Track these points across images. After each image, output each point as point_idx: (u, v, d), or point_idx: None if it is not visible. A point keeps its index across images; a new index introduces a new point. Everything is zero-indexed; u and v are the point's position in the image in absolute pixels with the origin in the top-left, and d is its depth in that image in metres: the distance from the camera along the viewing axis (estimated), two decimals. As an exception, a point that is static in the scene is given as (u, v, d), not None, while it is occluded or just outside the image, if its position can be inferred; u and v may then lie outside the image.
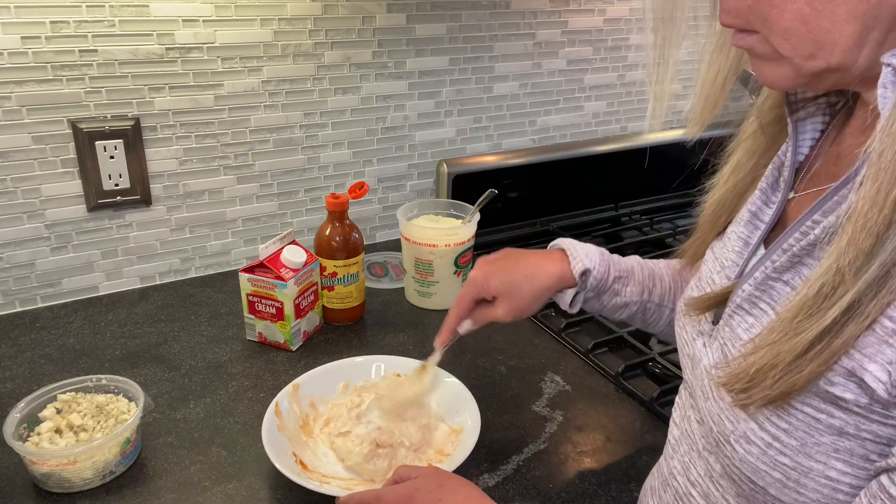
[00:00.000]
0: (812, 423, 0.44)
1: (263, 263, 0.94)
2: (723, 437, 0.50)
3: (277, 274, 0.94)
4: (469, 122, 1.35)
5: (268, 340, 0.99)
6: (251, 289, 0.96)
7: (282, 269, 0.95)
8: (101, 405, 0.78)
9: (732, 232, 0.57)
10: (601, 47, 1.43)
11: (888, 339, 0.40)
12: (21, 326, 1.02)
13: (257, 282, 0.95)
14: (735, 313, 0.51)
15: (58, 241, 1.06)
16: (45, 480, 0.72)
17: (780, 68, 0.46)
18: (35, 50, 0.95)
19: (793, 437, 0.45)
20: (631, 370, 0.95)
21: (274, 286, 0.94)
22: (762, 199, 0.55)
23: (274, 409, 0.79)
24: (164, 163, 1.09)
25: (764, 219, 0.54)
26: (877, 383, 0.40)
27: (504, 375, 0.95)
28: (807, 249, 0.46)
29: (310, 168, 1.22)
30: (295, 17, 1.10)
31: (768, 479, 0.46)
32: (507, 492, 0.75)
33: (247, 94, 1.11)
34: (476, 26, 1.27)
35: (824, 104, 0.53)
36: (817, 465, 0.44)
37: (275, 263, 0.95)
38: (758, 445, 0.47)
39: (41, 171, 1.01)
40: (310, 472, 0.74)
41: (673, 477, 0.60)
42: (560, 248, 0.77)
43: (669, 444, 0.63)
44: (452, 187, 1.31)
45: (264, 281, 0.95)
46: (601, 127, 1.52)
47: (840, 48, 0.42)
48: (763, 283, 0.49)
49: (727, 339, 0.52)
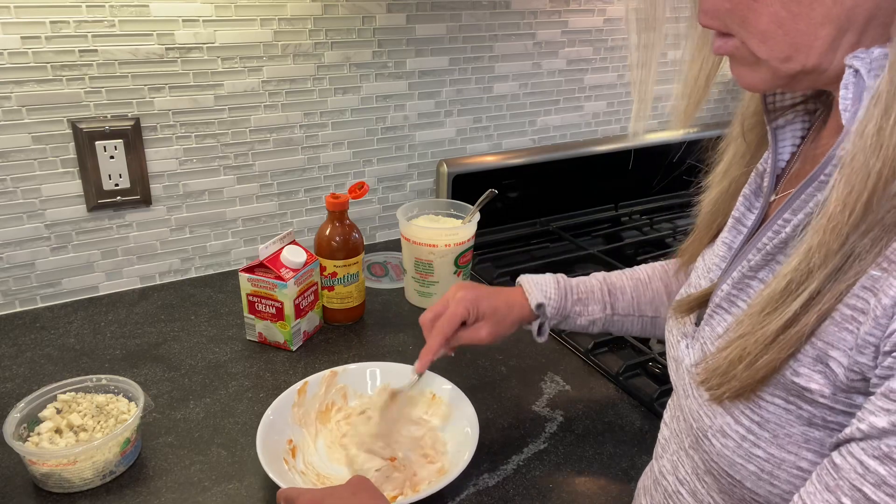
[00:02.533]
0: (783, 414, 0.45)
1: (263, 263, 0.94)
2: (702, 433, 0.51)
3: (277, 274, 0.94)
4: (469, 122, 1.35)
5: (268, 340, 0.99)
6: (251, 289, 0.96)
7: (282, 269, 0.95)
8: (101, 405, 0.78)
9: (720, 238, 0.58)
10: (601, 47, 1.43)
11: (847, 325, 0.41)
12: (21, 326, 1.02)
13: (257, 282, 0.95)
14: (715, 313, 0.53)
15: (58, 241, 1.06)
16: (45, 480, 0.72)
17: (758, 72, 0.47)
18: (35, 50, 0.95)
19: (765, 429, 0.46)
20: (631, 370, 0.95)
21: (274, 286, 0.94)
22: (745, 206, 0.56)
23: (299, 387, 0.82)
24: (164, 163, 1.09)
25: (746, 223, 0.55)
26: (839, 368, 0.41)
27: (504, 375, 0.95)
28: (779, 247, 0.48)
29: (310, 168, 1.22)
30: (295, 17, 1.10)
31: (744, 472, 0.48)
32: (507, 492, 0.75)
33: (247, 94, 1.11)
34: (476, 26, 1.27)
35: (802, 111, 0.54)
36: (789, 455, 0.45)
37: (275, 263, 0.95)
38: (733, 439, 0.48)
39: (41, 171, 1.01)
40: (294, 461, 0.75)
41: (663, 476, 0.61)
42: (519, 285, 0.83)
43: (659, 444, 0.64)
44: (452, 187, 1.31)
45: (264, 281, 0.95)
46: (601, 127, 1.52)
47: (816, 51, 0.43)
48: (740, 281, 0.51)
49: (707, 339, 0.53)
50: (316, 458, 0.78)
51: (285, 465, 0.73)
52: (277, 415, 0.79)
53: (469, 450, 0.75)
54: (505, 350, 1.00)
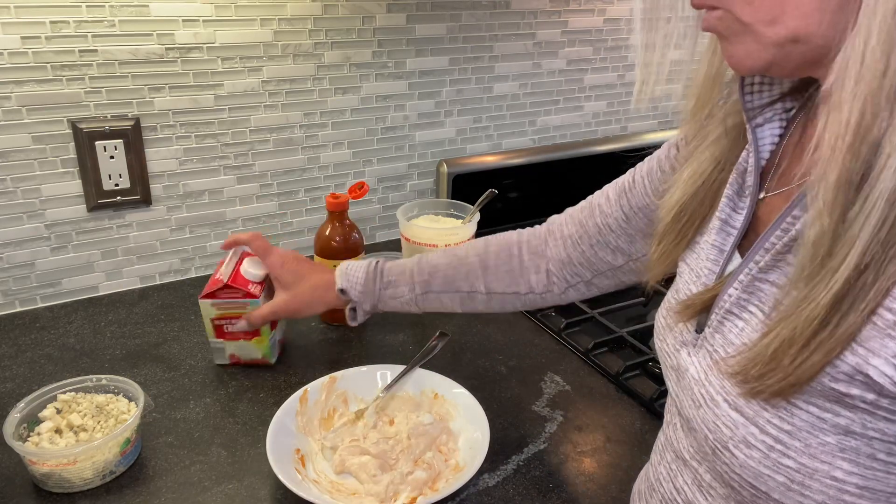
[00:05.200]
0: (816, 423, 0.43)
1: (228, 284, 0.88)
2: (720, 444, 0.49)
3: (246, 291, 0.89)
4: (469, 122, 1.35)
5: (242, 360, 0.94)
6: (216, 313, 0.90)
7: (249, 285, 0.90)
8: (101, 405, 0.78)
9: (705, 242, 0.56)
10: (601, 47, 1.43)
11: (890, 332, 0.39)
12: (21, 326, 1.02)
13: (225, 305, 0.89)
14: (725, 319, 0.51)
15: (58, 241, 1.06)
16: (45, 480, 0.72)
17: (745, 43, 0.46)
18: (35, 50, 0.95)
19: (796, 438, 0.44)
20: (631, 370, 0.95)
21: (246, 305, 0.89)
22: (730, 207, 0.55)
23: (300, 395, 0.82)
24: (164, 163, 1.09)
25: (735, 225, 0.54)
26: (883, 378, 0.39)
27: (504, 375, 0.95)
28: (788, 246, 0.46)
29: (310, 168, 1.22)
30: (295, 17, 1.10)
31: (771, 484, 0.46)
32: (507, 492, 0.75)
33: (247, 94, 1.11)
34: (476, 26, 1.27)
35: (780, 109, 0.54)
36: (822, 465, 0.43)
37: (239, 281, 0.90)
38: (759, 449, 0.46)
39: (41, 171, 1.01)
40: (305, 470, 0.75)
41: (659, 483, 0.60)
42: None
43: (657, 450, 0.63)
44: (452, 187, 1.31)
45: (234, 302, 0.89)
46: (601, 127, 1.52)
47: (800, 10, 0.42)
48: (749, 285, 0.49)
49: (718, 346, 0.51)
50: (325, 465, 0.78)
51: (298, 475, 0.73)
52: (283, 425, 0.78)
53: (482, 445, 0.75)
54: (505, 350, 1.00)
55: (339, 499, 0.72)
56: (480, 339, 1.03)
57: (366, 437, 0.80)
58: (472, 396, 0.83)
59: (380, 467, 0.76)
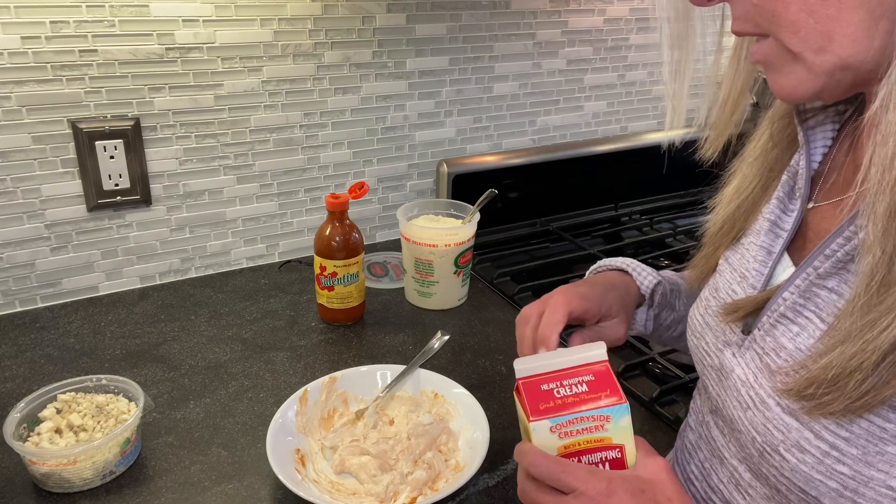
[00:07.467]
0: (877, 432, 0.42)
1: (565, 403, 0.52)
2: (769, 447, 0.48)
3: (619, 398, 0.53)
4: (469, 122, 1.35)
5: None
6: (564, 442, 0.52)
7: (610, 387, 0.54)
8: (101, 405, 0.78)
9: (751, 242, 0.56)
10: (601, 47, 1.43)
11: None
12: (21, 326, 1.02)
13: (573, 430, 0.52)
14: (778, 322, 0.50)
15: (58, 241, 1.06)
16: (45, 480, 0.72)
17: (795, 72, 0.45)
18: (35, 50, 0.95)
19: (854, 445, 0.43)
20: (631, 370, 0.95)
21: (606, 419, 0.52)
22: (780, 208, 0.55)
23: (300, 395, 0.81)
24: (164, 163, 1.09)
25: (785, 227, 0.54)
26: None
27: (504, 375, 0.95)
28: (850, 254, 0.45)
29: (310, 168, 1.22)
30: (295, 17, 1.10)
31: (822, 489, 0.45)
32: (507, 492, 0.75)
33: (247, 94, 1.11)
34: (476, 26, 1.27)
35: (833, 112, 0.54)
36: (879, 474, 0.42)
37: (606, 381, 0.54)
38: (813, 454, 0.45)
39: (41, 171, 1.01)
40: (305, 470, 0.75)
41: (690, 482, 0.60)
42: (616, 268, 0.73)
43: (686, 449, 0.62)
44: (452, 187, 1.31)
45: (587, 419, 0.52)
46: (601, 127, 1.52)
47: (849, 38, 0.42)
48: (807, 290, 0.48)
49: (769, 349, 0.50)
50: (324, 465, 0.78)
51: (298, 474, 0.73)
52: (283, 425, 0.78)
53: (482, 445, 0.75)
54: (505, 350, 1.00)
55: (339, 499, 0.72)
56: (480, 339, 1.03)
57: (366, 437, 0.80)
58: (472, 396, 0.83)
59: (380, 467, 0.76)
